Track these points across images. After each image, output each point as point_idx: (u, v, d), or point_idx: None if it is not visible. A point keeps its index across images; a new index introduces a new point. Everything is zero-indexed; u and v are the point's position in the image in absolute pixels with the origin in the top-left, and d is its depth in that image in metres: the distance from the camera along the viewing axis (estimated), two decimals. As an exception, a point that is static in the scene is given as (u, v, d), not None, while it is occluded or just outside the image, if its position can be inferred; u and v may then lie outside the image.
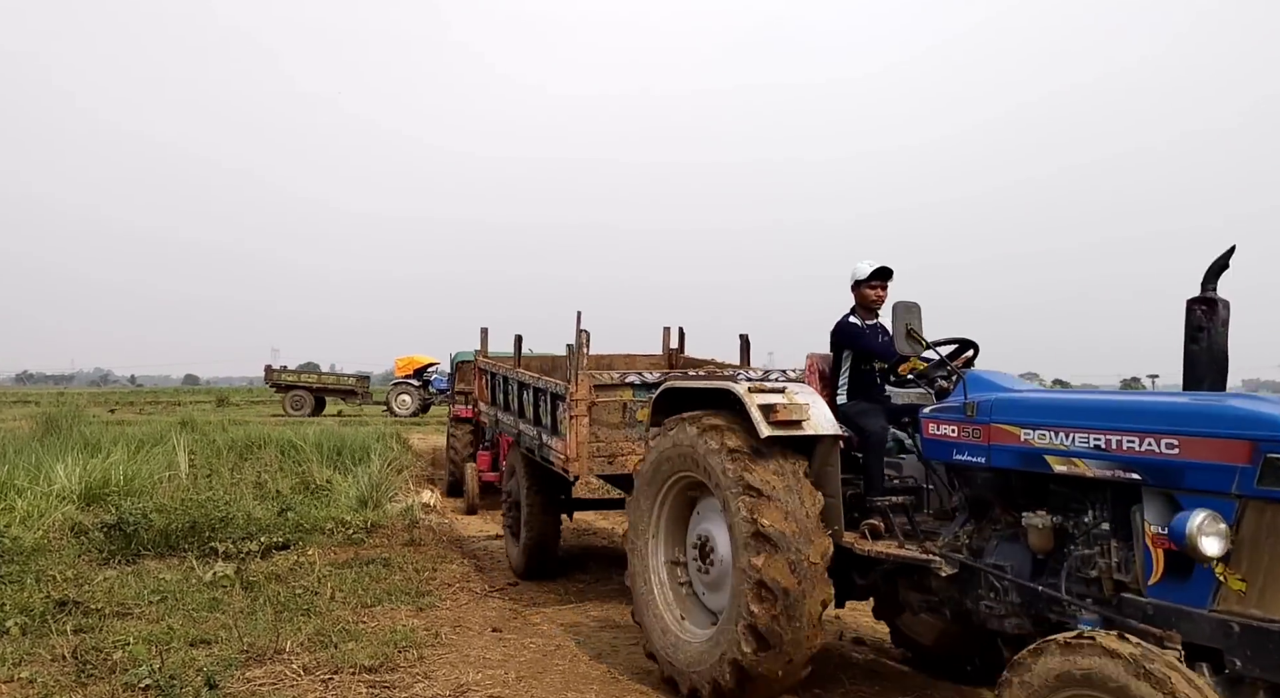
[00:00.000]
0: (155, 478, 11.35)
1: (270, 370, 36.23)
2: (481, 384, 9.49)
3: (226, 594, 6.97)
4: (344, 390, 35.65)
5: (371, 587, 7.30)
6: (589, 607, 7.05)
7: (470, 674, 5.27)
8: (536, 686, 5.14)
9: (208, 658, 5.38)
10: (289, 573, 7.69)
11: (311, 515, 9.93)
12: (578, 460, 6.49)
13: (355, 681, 5.11)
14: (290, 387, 35.15)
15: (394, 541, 9.45)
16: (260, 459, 14.31)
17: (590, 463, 6.55)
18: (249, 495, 10.77)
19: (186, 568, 7.81)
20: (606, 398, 6.61)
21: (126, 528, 8.50)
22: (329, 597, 6.90)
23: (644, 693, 5.07)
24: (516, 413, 8.12)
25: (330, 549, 8.85)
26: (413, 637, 5.90)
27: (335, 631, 5.98)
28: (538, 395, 7.45)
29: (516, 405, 8.12)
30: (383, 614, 6.57)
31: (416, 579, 7.70)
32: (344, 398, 35.93)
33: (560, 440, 6.75)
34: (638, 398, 6.63)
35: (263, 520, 9.41)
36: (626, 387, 6.66)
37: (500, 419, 8.76)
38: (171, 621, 6.21)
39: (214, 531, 8.76)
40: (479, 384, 9.58)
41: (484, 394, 9.49)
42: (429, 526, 10.29)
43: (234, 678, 5.09)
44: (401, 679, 5.17)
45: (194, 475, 12.29)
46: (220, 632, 5.95)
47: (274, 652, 5.55)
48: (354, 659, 5.37)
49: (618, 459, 6.61)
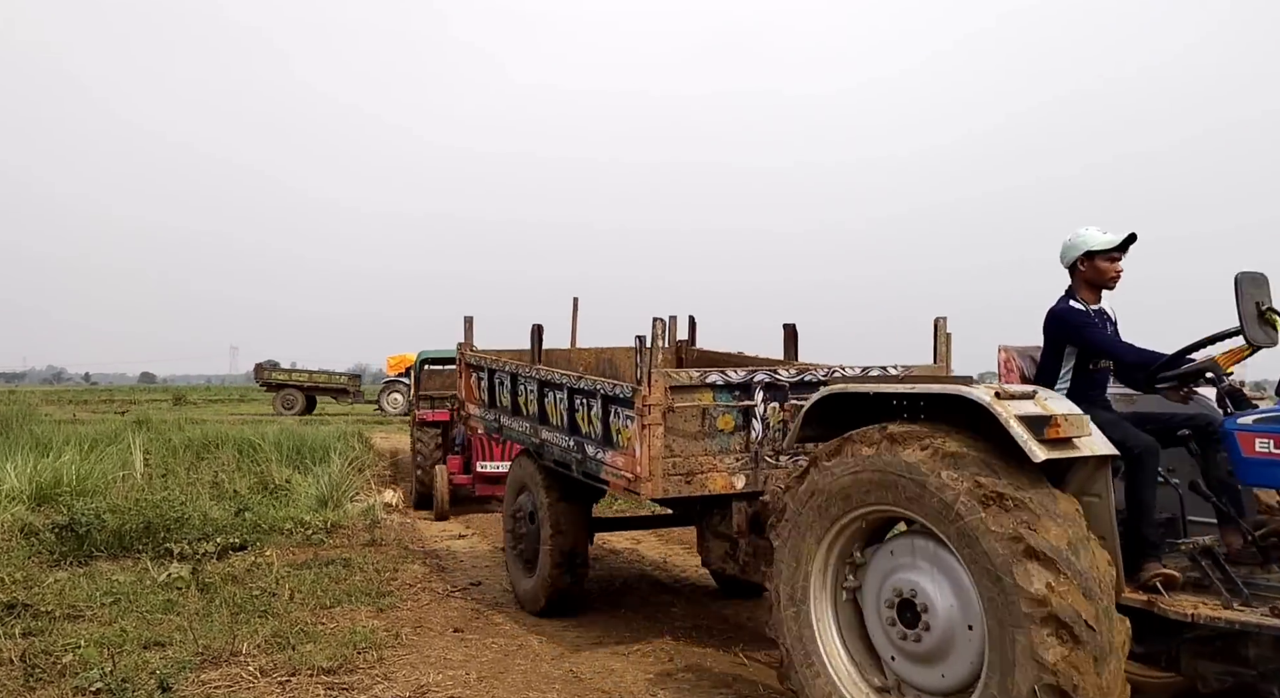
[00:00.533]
0: (109, 478, 11.15)
1: (260, 369, 35.86)
2: (469, 383, 8.07)
3: (181, 596, 6.86)
4: (336, 389, 35.18)
5: (331, 588, 7.22)
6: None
7: (431, 675, 5.23)
8: (498, 686, 5.11)
9: (161, 661, 5.29)
10: (246, 574, 7.58)
11: (270, 516, 9.81)
12: (650, 480, 5.32)
13: (313, 683, 5.05)
14: (281, 385, 34.73)
15: (354, 541, 9.36)
16: (218, 459, 14.11)
17: (664, 482, 5.35)
18: (205, 496, 10.62)
19: (140, 570, 7.67)
20: (684, 403, 5.43)
21: (79, 529, 8.33)
22: (287, 598, 6.81)
23: (606, 693, 5.05)
24: (536, 418, 6.79)
25: (289, 550, 8.74)
26: (372, 638, 5.84)
27: (293, 632, 5.90)
28: (580, 398, 6.16)
29: (536, 409, 6.79)
30: (342, 615, 6.50)
31: (377, 580, 7.63)
32: (335, 397, 35.49)
33: (621, 455, 5.64)
34: (720, 402, 5.52)
35: (219, 521, 9.28)
36: (706, 388, 5.51)
37: (507, 426, 7.31)
38: (124, 623, 6.10)
39: (169, 531, 8.61)
40: (465, 383, 8.13)
41: (472, 394, 8.01)
42: (390, 526, 10.21)
43: (188, 681, 5.01)
44: (360, 681, 5.11)
45: (149, 475, 12.10)
46: (174, 634, 5.84)
47: (230, 654, 5.47)
48: (312, 661, 5.30)
49: (696, 477, 5.43)
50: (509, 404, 7.24)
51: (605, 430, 5.83)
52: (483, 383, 7.80)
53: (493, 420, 7.59)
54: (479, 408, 7.89)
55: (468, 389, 8.11)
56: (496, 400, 7.50)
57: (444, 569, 8.35)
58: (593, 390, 5.98)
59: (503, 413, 7.40)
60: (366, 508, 10.53)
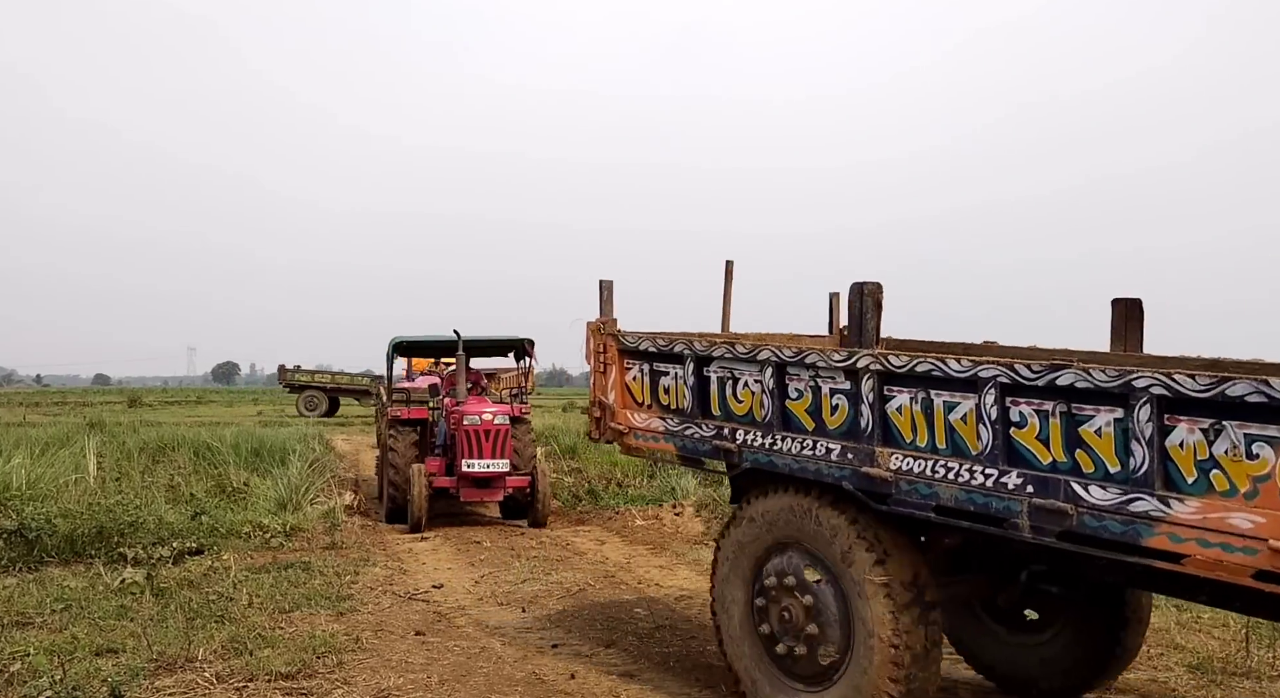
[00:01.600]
0: (60, 482, 10.88)
1: (284, 370, 35.70)
2: (629, 378, 5.53)
3: (135, 602, 6.72)
4: (358, 390, 34.94)
5: (290, 592, 7.12)
6: (514, 608, 6.98)
7: (391, 679, 5.18)
8: (460, 689, 5.07)
9: (114, 668, 5.17)
10: (202, 579, 7.45)
11: (227, 519, 9.65)
12: None
13: (271, 688, 4.98)
14: (304, 387, 34.62)
15: (314, 544, 9.26)
16: (174, 461, 13.88)
17: None
18: (161, 499, 10.40)
19: (93, 575, 7.50)
20: None
21: (28, 534, 8.15)
22: (245, 603, 6.71)
23: (569, 695, 5.04)
24: (867, 435, 4.19)
25: (247, 554, 8.61)
26: (332, 642, 5.77)
27: (250, 637, 5.81)
28: (1028, 406, 3.66)
29: (867, 421, 4.19)
30: (301, 620, 6.41)
31: (337, 583, 7.54)
32: (358, 398, 35.31)
33: (1238, 513, 3.08)
34: None
35: (175, 525, 9.11)
36: None
37: (760, 446, 4.68)
38: (76, 630, 5.96)
39: (123, 536, 8.45)
40: (619, 375, 5.55)
41: (642, 394, 5.44)
42: (351, 528, 10.10)
43: (141, 688, 4.91)
44: (320, 686, 5.04)
45: (103, 479, 11.84)
46: (128, 640, 5.72)
47: (185, 660, 5.37)
48: (270, 666, 5.22)
49: None
50: (769, 413, 4.68)
51: (1161, 470, 3.31)
52: (679, 379, 5.20)
53: (710, 435, 4.97)
54: (662, 417, 5.27)
55: (623, 388, 5.57)
56: (724, 406, 4.96)
57: (405, 572, 8.27)
58: (1108, 389, 3.41)
59: (745, 427, 4.82)
60: (327, 510, 10.40)
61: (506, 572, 8.25)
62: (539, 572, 8.20)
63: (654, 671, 5.43)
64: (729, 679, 4.86)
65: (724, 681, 5.06)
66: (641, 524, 10.74)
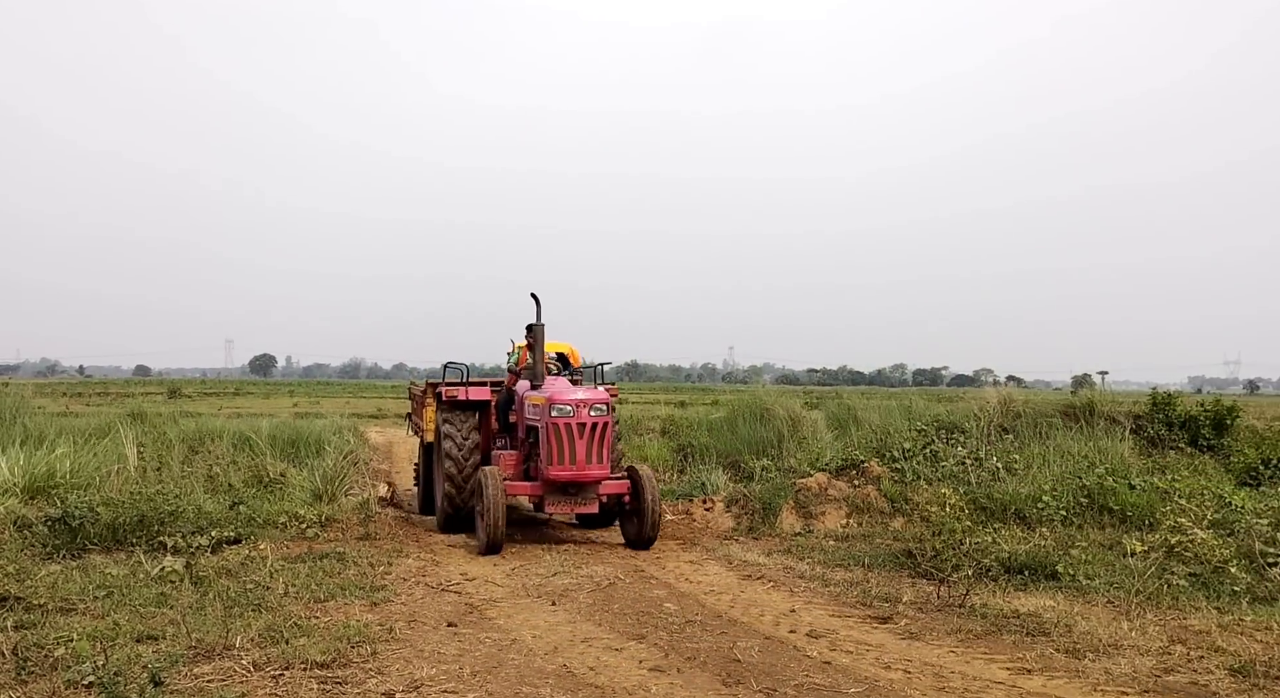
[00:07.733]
0: (102, 471, 11.08)
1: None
2: None
3: (175, 589, 6.84)
4: None
5: (325, 581, 7.21)
6: (544, 601, 7.02)
7: (424, 670, 5.22)
8: (491, 680, 5.10)
9: (154, 654, 5.26)
10: (240, 568, 7.57)
11: (264, 509, 9.78)
12: None
13: (306, 677, 5.04)
14: None
15: (349, 534, 9.36)
16: (212, 452, 14.05)
17: None
18: (200, 489, 10.58)
19: (134, 563, 7.65)
20: None
21: (72, 522, 8.32)
22: (281, 592, 6.80)
23: (599, 688, 5.05)
24: None
25: (283, 543, 8.73)
26: (366, 632, 5.83)
27: (286, 626, 5.89)
28: None
29: None
30: (336, 609, 6.49)
31: (371, 574, 7.63)
32: None
33: None
34: None
35: (213, 514, 9.26)
36: None
37: None
38: (117, 616, 6.08)
39: (163, 524, 8.59)
40: None
41: None
42: (384, 520, 10.20)
43: (180, 675, 5.00)
44: (354, 675, 5.10)
45: (143, 469, 12.02)
46: (167, 628, 5.83)
47: (223, 648, 5.45)
48: (305, 655, 5.29)
49: None
50: None
51: None
52: None
53: None
54: None
55: None
56: None
57: (439, 564, 8.34)
58: None
59: None
60: (361, 501, 10.51)
61: (537, 565, 8.29)
62: (569, 566, 8.23)
63: (684, 665, 5.43)
64: None
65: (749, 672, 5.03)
66: (672, 519, 10.74)
